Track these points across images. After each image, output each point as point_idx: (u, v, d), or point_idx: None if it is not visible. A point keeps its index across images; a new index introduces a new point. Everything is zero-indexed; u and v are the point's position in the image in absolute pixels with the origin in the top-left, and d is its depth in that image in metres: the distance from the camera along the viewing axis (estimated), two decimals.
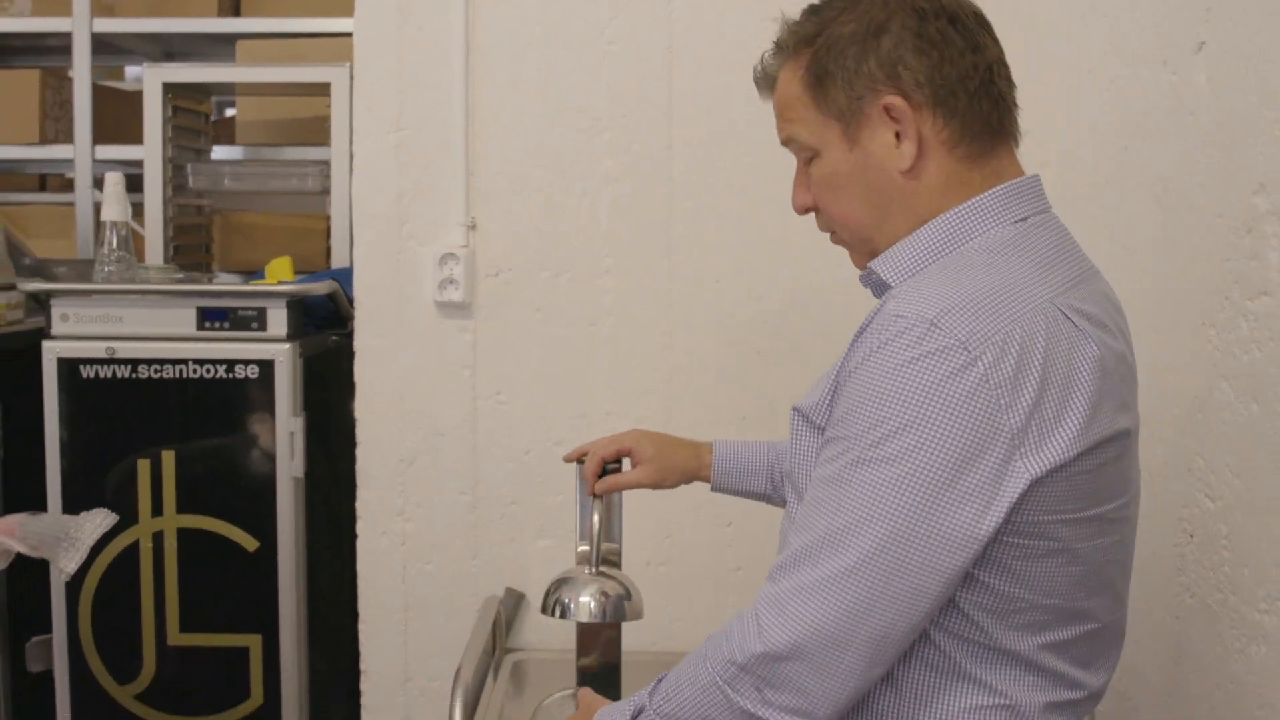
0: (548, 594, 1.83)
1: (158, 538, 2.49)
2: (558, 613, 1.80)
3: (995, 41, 1.42)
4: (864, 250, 1.45)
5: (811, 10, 1.44)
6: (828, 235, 1.52)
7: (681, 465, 1.85)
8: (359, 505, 2.53)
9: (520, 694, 2.37)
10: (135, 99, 3.59)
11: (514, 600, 2.54)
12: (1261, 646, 1.66)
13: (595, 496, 1.84)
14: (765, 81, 1.49)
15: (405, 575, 2.55)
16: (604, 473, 1.86)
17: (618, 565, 1.95)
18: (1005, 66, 1.42)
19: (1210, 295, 1.80)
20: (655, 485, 1.84)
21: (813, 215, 1.50)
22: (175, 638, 2.51)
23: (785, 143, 1.47)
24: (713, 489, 1.91)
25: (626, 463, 1.91)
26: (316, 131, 3.41)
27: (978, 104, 1.37)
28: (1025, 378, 1.23)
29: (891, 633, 1.27)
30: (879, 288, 1.43)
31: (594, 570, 1.83)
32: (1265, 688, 1.65)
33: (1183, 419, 1.90)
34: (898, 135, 1.37)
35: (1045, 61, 2.44)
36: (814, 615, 1.26)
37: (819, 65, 1.39)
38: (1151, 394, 2.01)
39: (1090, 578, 1.34)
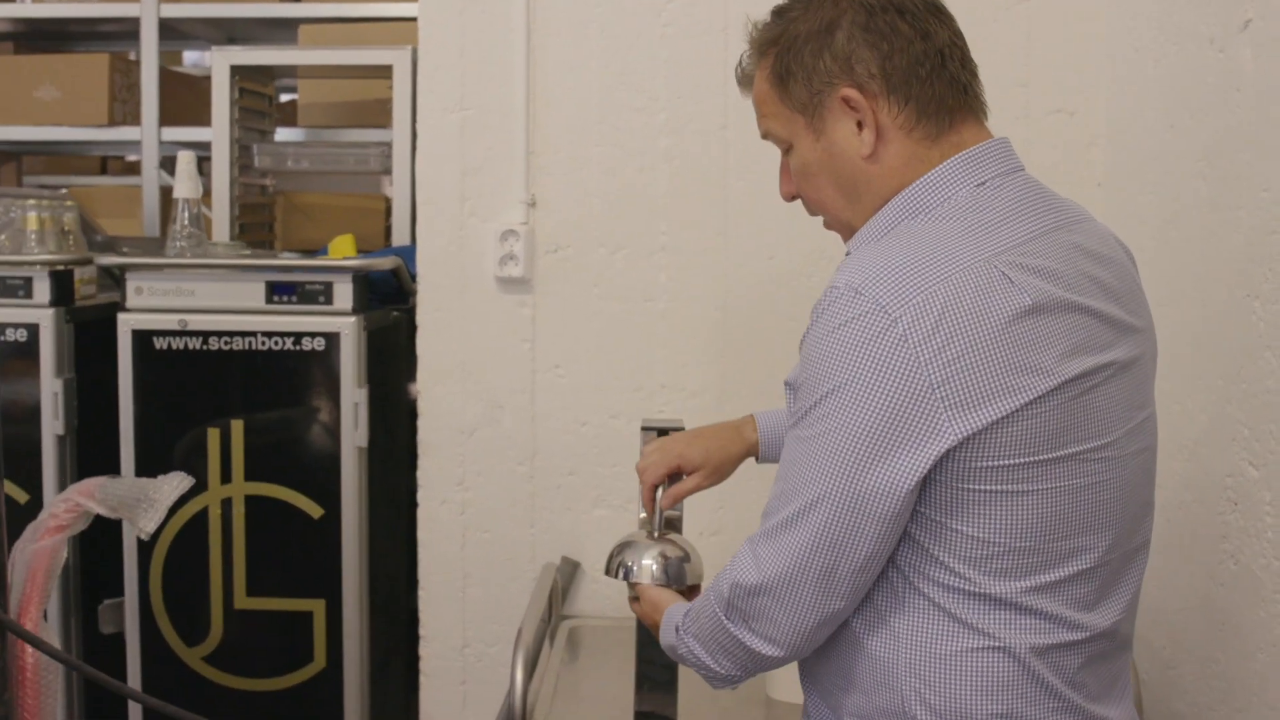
0: (611, 557, 1.88)
1: (226, 504, 2.57)
2: (620, 574, 1.85)
3: (946, 26, 1.49)
4: (845, 231, 1.54)
5: (775, 13, 1.54)
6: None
7: (731, 456, 1.89)
8: (420, 474, 2.61)
9: (575, 660, 2.44)
10: (197, 83, 3.70)
11: (570, 568, 2.61)
12: None
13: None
14: (744, 81, 1.60)
15: (464, 543, 2.62)
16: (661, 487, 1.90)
17: (679, 527, 2.00)
18: (959, 48, 1.49)
19: (1255, 267, 1.84)
20: (713, 485, 1.89)
21: None
22: (242, 602, 2.59)
23: (764, 136, 1.58)
24: (760, 461, 1.95)
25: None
26: (375, 114, 3.49)
27: (931, 87, 1.45)
28: (944, 337, 1.31)
29: (837, 570, 1.37)
30: None
31: (656, 533, 1.89)
32: None
33: (1226, 388, 1.94)
34: (859, 124, 1.46)
35: (1091, 42, 2.48)
36: (773, 556, 1.39)
37: (782, 65, 1.50)
38: (1195, 363, 2.05)
39: (1067, 518, 1.39)
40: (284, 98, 4.01)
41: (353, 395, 2.56)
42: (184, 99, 3.63)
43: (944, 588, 1.39)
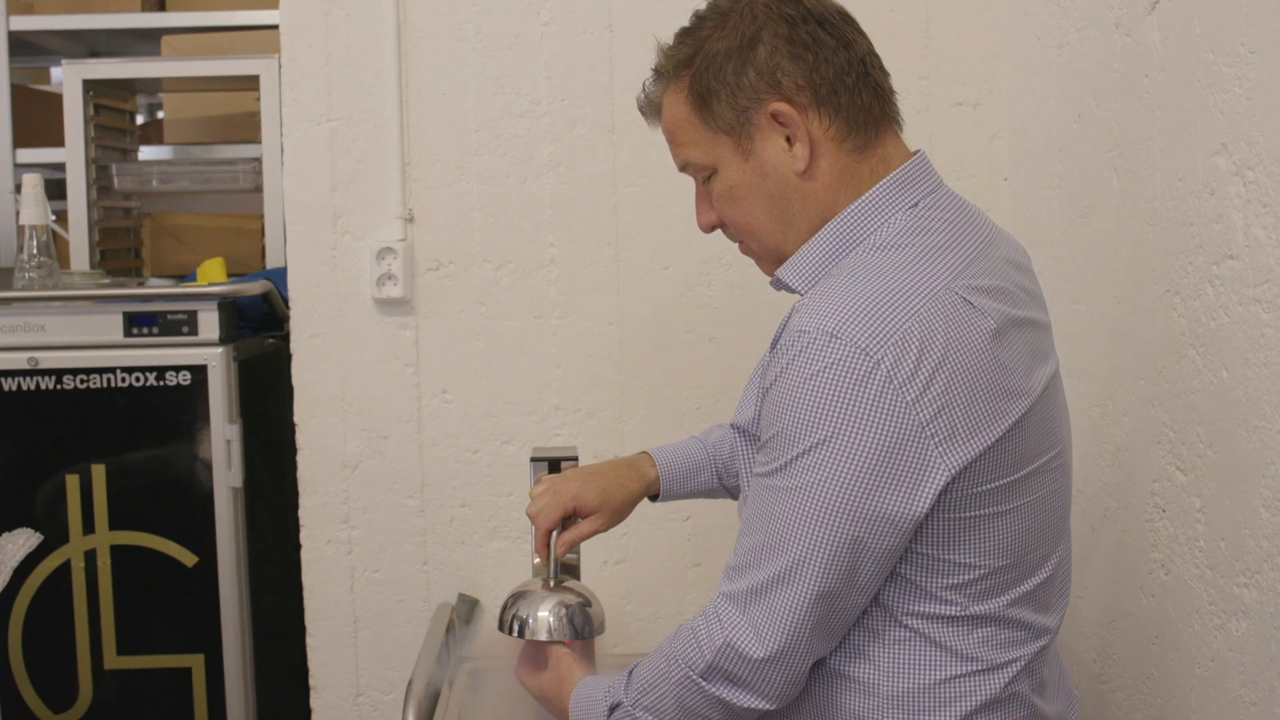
0: (504, 609, 1.74)
1: (90, 556, 2.38)
2: (516, 629, 1.71)
3: (862, 35, 1.46)
4: (772, 258, 1.50)
5: (684, 33, 1.48)
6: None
7: (630, 495, 1.79)
8: (302, 513, 2.44)
9: (477, 702, 2.28)
10: (59, 101, 3.47)
11: (468, 606, 2.46)
12: (1242, 622, 1.60)
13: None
14: (650, 109, 1.53)
15: (353, 584, 2.45)
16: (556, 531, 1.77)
17: (576, 572, 1.86)
18: (876, 57, 1.47)
19: (1174, 260, 1.74)
20: (610, 528, 1.76)
21: None
22: (113, 661, 2.40)
23: (682, 168, 1.52)
24: (661, 500, 1.84)
25: None
26: (247, 128, 3.30)
27: (858, 97, 1.43)
28: (928, 372, 1.28)
29: (832, 619, 1.35)
30: (790, 292, 1.48)
31: (552, 581, 1.75)
32: (1248, 665, 1.59)
33: (1149, 389, 1.84)
34: (788, 139, 1.42)
35: (991, 30, 2.39)
36: (774, 623, 1.33)
37: (701, 84, 1.44)
38: (1117, 365, 1.95)
39: (1037, 528, 1.41)
40: (158, 115, 3.80)
41: (224, 432, 2.38)
42: (41, 118, 3.41)
43: (929, 617, 1.37)
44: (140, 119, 3.52)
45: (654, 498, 1.82)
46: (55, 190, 2.75)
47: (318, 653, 2.47)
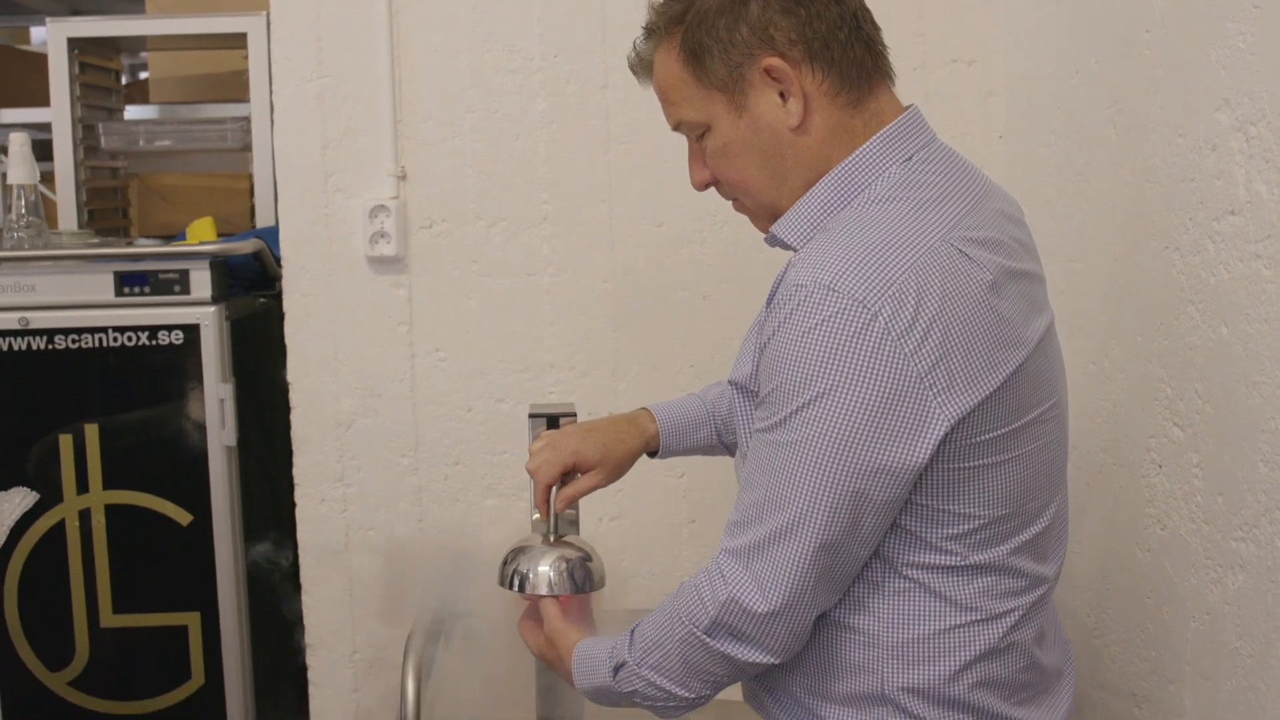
0: (504, 564, 1.74)
1: (84, 516, 2.37)
2: (516, 584, 1.71)
3: None
4: (766, 215, 1.49)
5: None
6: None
7: (629, 451, 1.78)
8: (296, 472, 2.43)
9: (474, 659, 2.29)
10: (41, 61, 3.43)
11: (463, 563, 2.46)
12: (1239, 575, 1.61)
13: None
14: (642, 67, 1.52)
15: (348, 542, 2.45)
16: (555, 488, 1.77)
17: (576, 528, 1.87)
18: (868, 11, 1.46)
19: (1173, 217, 1.74)
20: (609, 483, 1.76)
21: None
22: (108, 620, 2.40)
23: (675, 127, 1.51)
24: (660, 456, 1.84)
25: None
26: (234, 87, 3.25)
27: (851, 51, 1.42)
28: (925, 323, 1.28)
29: (834, 572, 1.35)
30: (785, 248, 1.47)
31: (552, 536, 1.75)
32: (1245, 618, 1.60)
33: (1146, 346, 1.84)
34: (782, 95, 1.41)
35: None
36: (777, 577, 1.33)
37: (693, 41, 1.43)
38: (1114, 322, 1.95)
39: (1036, 477, 1.40)
40: (142, 75, 3.76)
41: (218, 391, 2.37)
42: (24, 78, 3.37)
43: (929, 568, 1.38)
44: (124, 79, 3.47)
45: (653, 454, 1.82)
46: (41, 151, 2.72)
47: (313, 610, 2.47)
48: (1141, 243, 1.84)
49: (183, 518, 2.39)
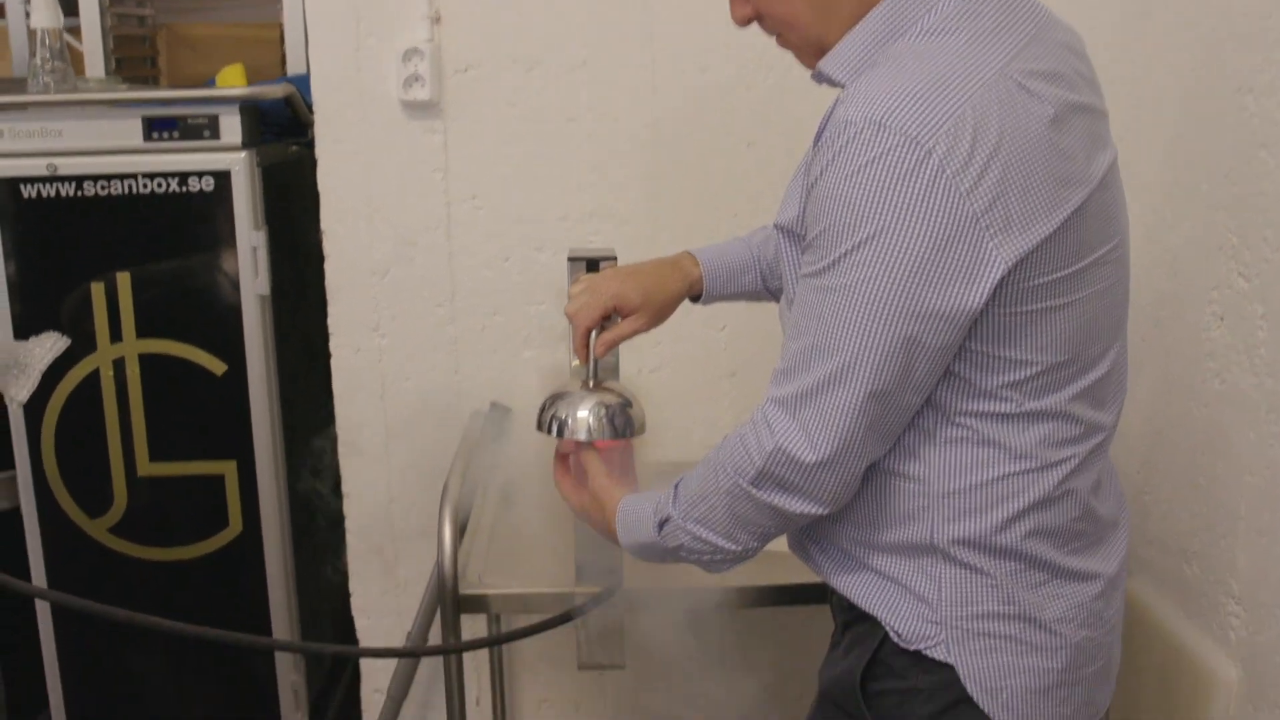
0: (543, 410, 1.70)
1: (118, 365, 2.35)
2: (554, 429, 1.68)
3: None
4: (812, 50, 1.42)
5: None
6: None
7: (673, 295, 1.73)
8: (330, 321, 2.40)
9: (510, 513, 2.28)
10: None
11: (500, 415, 2.43)
12: None
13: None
14: None
15: (384, 393, 2.43)
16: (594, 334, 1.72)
17: (615, 374, 1.83)
18: None
19: (1247, 57, 1.66)
20: (651, 328, 1.71)
21: None
22: (145, 468, 2.39)
23: None
24: (704, 302, 1.79)
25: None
26: None
27: None
28: (982, 161, 1.21)
29: (886, 421, 1.31)
30: (833, 85, 1.40)
31: (591, 381, 1.71)
32: None
33: (1213, 194, 1.77)
34: None
35: None
36: (826, 427, 1.29)
37: None
38: (1177, 169, 1.88)
39: (1096, 322, 1.35)
40: None
41: (250, 239, 2.32)
42: None
43: (984, 416, 1.33)
44: None
45: (695, 299, 1.77)
46: (67, 5, 2.64)
47: (349, 460, 2.46)
48: (1211, 84, 1.75)
49: (217, 367, 2.36)
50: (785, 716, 2.40)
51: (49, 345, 1.76)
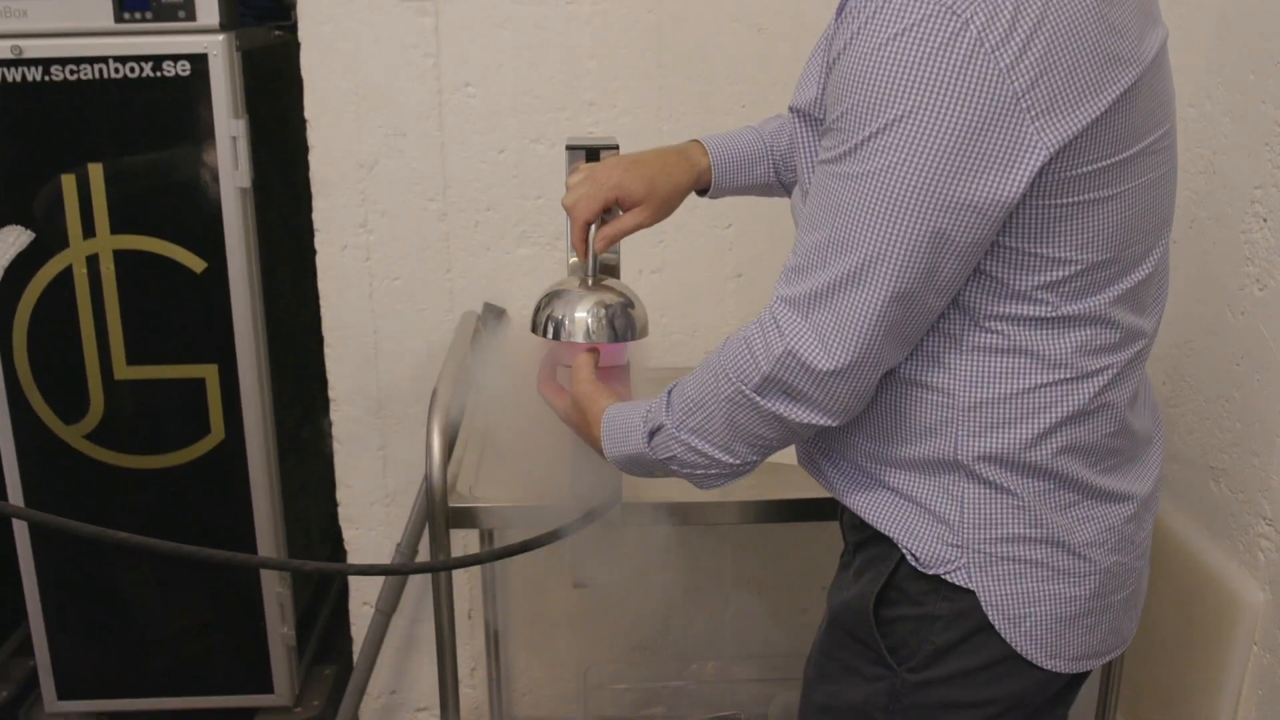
0: (538, 310, 1.59)
1: (92, 262, 2.23)
2: (550, 330, 1.56)
3: None
4: None
5: None
6: None
7: (678, 186, 1.59)
8: (316, 216, 2.28)
9: (504, 420, 2.17)
10: None
11: (494, 316, 2.32)
12: None
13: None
14: None
15: (372, 292, 2.31)
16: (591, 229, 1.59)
17: (616, 272, 1.71)
18: None
19: None
20: (655, 222, 1.58)
21: None
22: (122, 371, 2.28)
23: None
24: (712, 195, 1.66)
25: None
26: None
27: None
28: (1025, 34, 1.09)
29: (908, 324, 1.20)
30: None
31: (590, 279, 1.59)
32: None
33: (1261, 84, 1.64)
34: None
35: None
36: (842, 331, 1.18)
37: None
38: (1219, 59, 1.74)
39: (1142, 217, 1.23)
40: None
41: (229, 128, 2.19)
42: None
43: (1016, 320, 1.22)
44: None
45: (703, 192, 1.64)
46: None
47: (336, 364, 2.35)
48: None
49: (196, 265, 2.24)
50: (788, 635, 2.32)
51: (11, 240, 1.64)
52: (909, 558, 1.30)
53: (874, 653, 1.34)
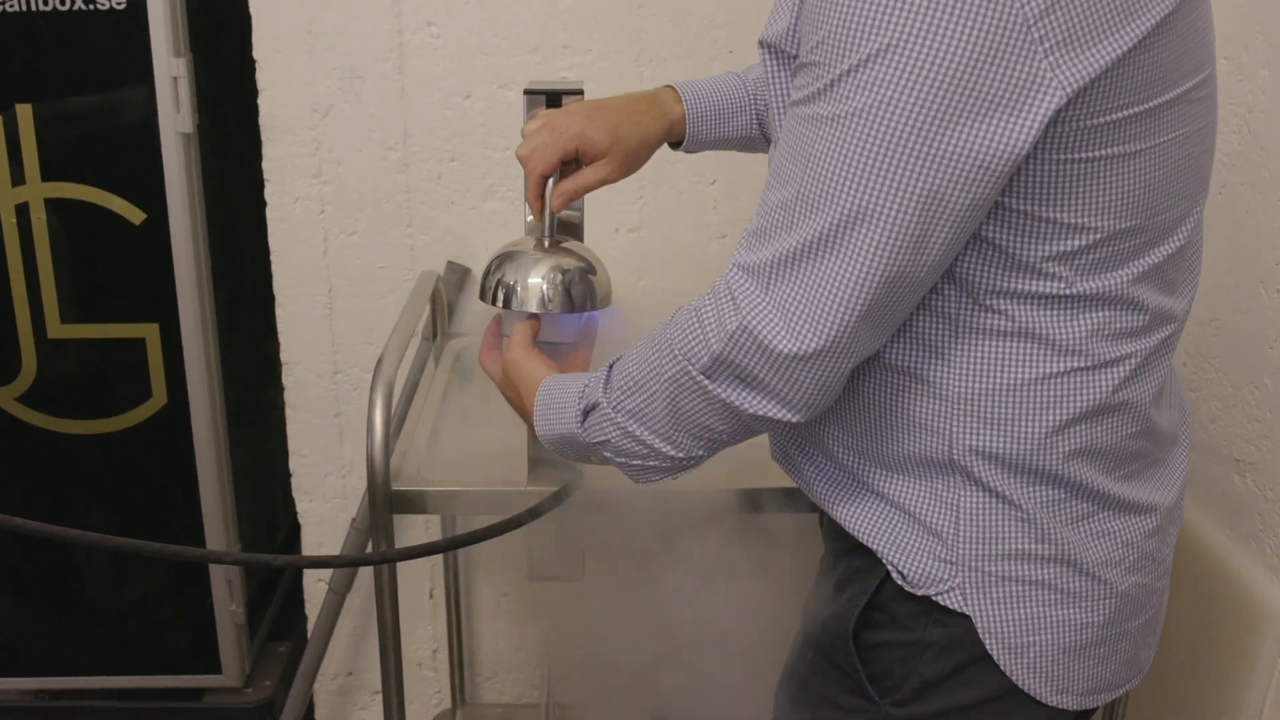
0: (487, 274, 1.43)
1: (22, 212, 2.05)
2: (500, 299, 1.40)
3: None
4: None
5: None
6: None
7: (647, 137, 1.42)
8: (265, 166, 2.10)
9: (467, 384, 2.01)
10: None
11: (458, 276, 2.15)
12: None
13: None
14: None
15: (327, 248, 2.14)
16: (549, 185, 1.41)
17: (579, 233, 1.54)
18: None
19: None
20: (620, 177, 1.41)
21: None
22: (56, 329, 2.11)
23: None
24: (686, 149, 1.48)
25: None
26: None
27: None
28: None
29: (891, 302, 1.01)
30: None
31: (547, 240, 1.43)
32: None
33: None
34: None
35: None
36: (810, 308, 1.00)
37: None
38: (1253, 7, 1.56)
39: (1176, 178, 1.05)
40: None
41: (169, 67, 1.99)
42: None
43: (1023, 298, 1.04)
44: None
45: (676, 144, 1.47)
46: None
47: (289, 325, 2.18)
48: None
49: (134, 215, 2.06)
50: (762, 636, 2.15)
51: None
52: (894, 574, 1.13)
53: (853, 681, 1.17)
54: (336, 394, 2.20)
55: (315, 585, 2.31)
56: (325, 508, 2.26)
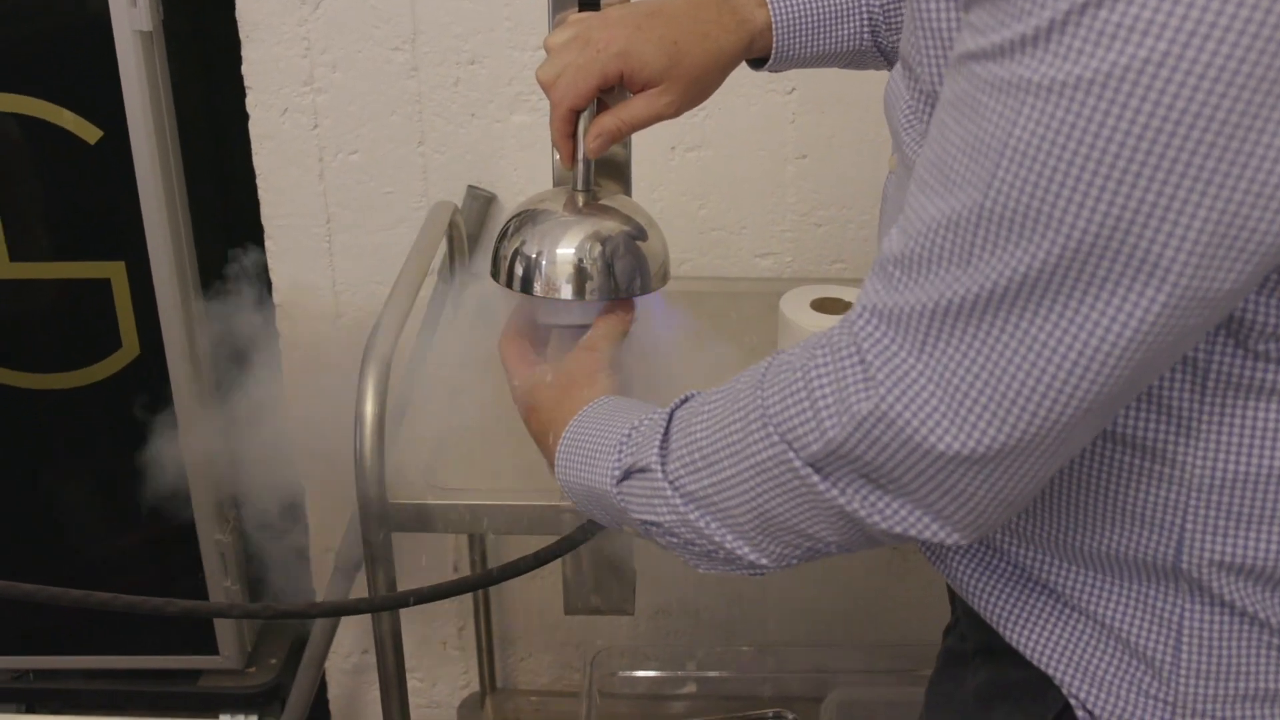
0: (501, 239, 1.07)
1: None
2: (519, 276, 1.05)
3: None
4: None
5: None
6: None
7: (717, 55, 1.04)
8: (245, 71, 1.75)
9: (490, 332, 1.66)
10: None
11: (480, 204, 1.80)
12: None
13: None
14: None
15: (323, 171, 1.79)
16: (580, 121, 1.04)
17: (624, 176, 1.17)
18: None
19: None
20: (681, 110, 1.04)
21: None
22: (6, 269, 1.78)
23: None
24: (772, 68, 1.11)
25: None
26: None
27: None
28: None
29: (1139, 381, 0.65)
30: None
31: (581, 196, 1.07)
32: None
33: None
34: None
35: None
36: (977, 372, 0.64)
37: None
38: None
39: None
40: None
41: None
42: None
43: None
44: None
45: (757, 64, 1.10)
46: None
47: (280, 262, 1.85)
48: None
49: (89, 134, 1.71)
50: (849, 617, 1.83)
51: None
52: (1080, 712, 0.80)
53: None
54: (340, 341, 1.89)
55: (323, 555, 2.02)
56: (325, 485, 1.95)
